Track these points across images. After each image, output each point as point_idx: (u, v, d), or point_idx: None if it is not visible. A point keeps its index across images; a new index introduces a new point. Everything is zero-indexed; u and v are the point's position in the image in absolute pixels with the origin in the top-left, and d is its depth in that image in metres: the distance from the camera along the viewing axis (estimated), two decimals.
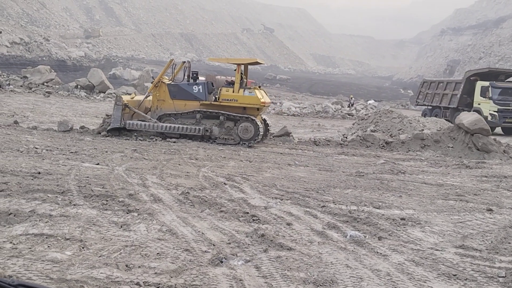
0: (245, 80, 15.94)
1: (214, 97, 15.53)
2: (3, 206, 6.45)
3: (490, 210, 8.21)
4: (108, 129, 15.39)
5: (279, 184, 9.52)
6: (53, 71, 38.62)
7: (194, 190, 8.39)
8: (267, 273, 4.94)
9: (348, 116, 34.01)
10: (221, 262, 5.15)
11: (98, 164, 10.16)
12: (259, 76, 76.53)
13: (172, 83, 15.89)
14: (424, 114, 30.59)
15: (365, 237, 6.35)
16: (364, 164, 12.99)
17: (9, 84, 31.75)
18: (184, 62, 16.52)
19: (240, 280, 4.73)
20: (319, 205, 7.93)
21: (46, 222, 6.00)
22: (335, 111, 36.39)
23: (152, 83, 16.25)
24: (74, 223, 6.06)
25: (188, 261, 5.13)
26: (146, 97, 16.31)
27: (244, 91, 15.39)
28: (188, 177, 9.56)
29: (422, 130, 17.80)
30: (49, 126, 15.86)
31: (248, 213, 7.09)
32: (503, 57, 64.38)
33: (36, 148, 11.33)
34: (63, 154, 10.97)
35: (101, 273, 4.63)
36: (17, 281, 1.92)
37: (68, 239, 5.49)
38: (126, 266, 4.84)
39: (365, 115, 25.69)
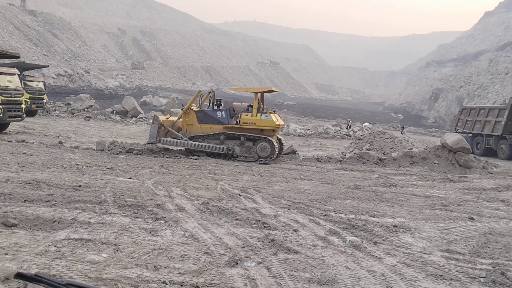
0: (261, 105, 16.01)
1: (235, 121, 15.62)
2: (48, 215, 6.48)
3: (472, 218, 8.13)
4: (145, 143, 16.00)
5: (287, 195, 9.48)
6: (92, 98, 38.97)
7: (213, 200, 8.38)
8: (277, 274, 4.90)
9: (347, 137, 33.91)
10: (237, 263, 5.12)
11: (130, 178, 10.19)
12: (269, 102, 76.58)
13: (199, 109, 16.00)
14: None
15: (362, 242, 6.29)
16: (361, 178, 12.92)
17: (55, 110, 32.10)
18: (210, 92, 16.72)
19: (253, 279, 4.69)
20: (322, 214, 7.88)
21: (85, 229, 6.01)
22: (335, 132, 36.31)
23: (181, 109, 16.35)
24: (109, 229, 6.06)
25: (208, 262, 5.10)
26: (178, 119, 16.38)
27: (261, 115, 15.47)
28: (208, 189, 9.56)
29: (411, 148, 17.71)
30: (89, 146, 15.96)
31: (260, 220, 7.06)
32: (481, 86, 63.98)
33: (78, 164, 11.40)
34: (101, 170, 11.02)
35: (132, 272, 4.62)
36: (65, 281, 1.91)
37: (104, 243, 5.49)
38: (154, 267, 4.83)
39: (361, 135, 25.62)
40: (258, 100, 15.74)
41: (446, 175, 14.24)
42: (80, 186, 8.70)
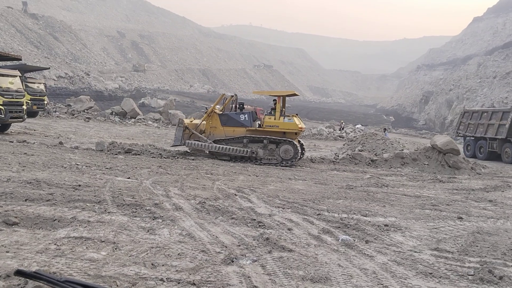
0: (283, 109, 15.81)
1: (258, 124, 15.53)
2: (49, 213, 6.45)
3: (460, 218, 8.15)
4: (171, 146, 16.09)
5: (281, 195, 9.49)
6: (92, 100, 38.93)
7: (210, 200, 8.37)
8: (271, 271, 4.90)
9: (339, 138, 33.98)
10: (232, 261, 5.12)
11: (129, 178, 10.16)
12: (265, 104, 76.66)
13: (223, 113, 15.92)
14: (467, 146, 25.21)
15: (354, 240, 6.29)
16: (353, 179, 12.95)
17: (55, 111, 32.00)
18: (232, 95, 16.64)
19: (248, 277, 4.69)
20: (315, 213, 7.88)
21: (85, 227, 5.99)
22: (328, 134, 36.39)
23: (205, 112, 16.25)
24: (108, 228, 6.04)
25: (204, 260, 5.09)
26: (201, 122, 16.27)
27: (284, 118, 15.36)
28: (204, 189, 9.54)
29: (402, 150, 17.78)
30: (88, 146, 15.91)
31: (255, 219, 7.06)
32: (470, 89, 64.21)
33: (77, 164, 11.36)
34: (100, 170, 10.98)
35: (130, 270, 4.61)
36: (64, 278, 1.90)
37: (103, 241, 5.48)
38: (152, 264, 4.82)
39: (354, 137, 25.64)
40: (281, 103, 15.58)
41: (435, 175, 14.29)
42: (79, 185, 8.66)
